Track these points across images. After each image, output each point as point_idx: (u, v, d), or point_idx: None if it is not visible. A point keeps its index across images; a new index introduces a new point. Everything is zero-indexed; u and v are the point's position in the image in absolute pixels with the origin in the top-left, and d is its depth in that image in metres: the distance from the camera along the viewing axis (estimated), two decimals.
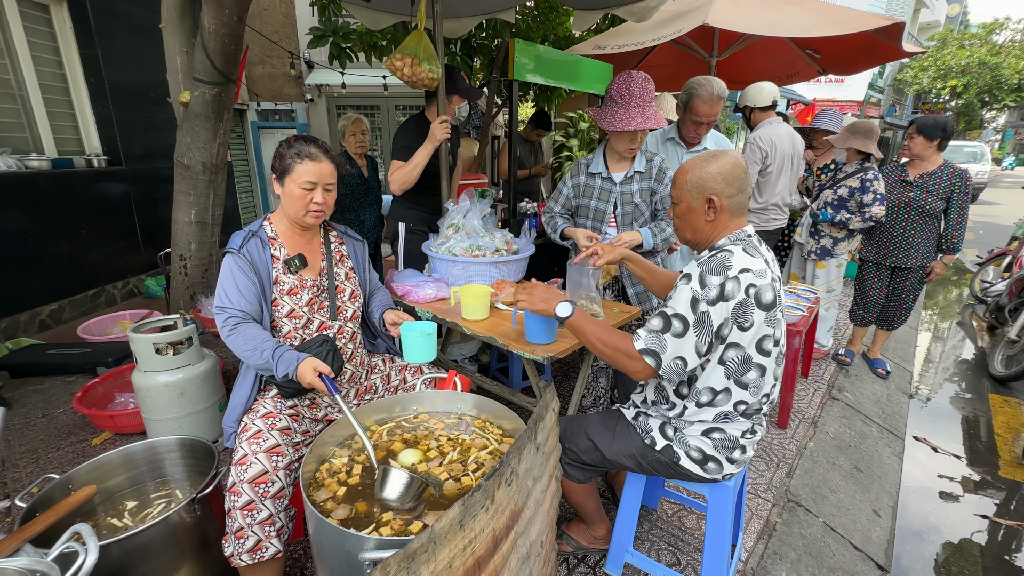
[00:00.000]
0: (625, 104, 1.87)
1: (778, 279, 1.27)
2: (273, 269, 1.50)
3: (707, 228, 1.30)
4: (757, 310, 1.18)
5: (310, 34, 4.02)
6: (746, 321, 1.18)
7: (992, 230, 9.08)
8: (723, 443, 1.31)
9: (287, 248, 1.54)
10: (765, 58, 4.49)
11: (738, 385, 1.25)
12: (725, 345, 1.22)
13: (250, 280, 1.45)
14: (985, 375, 3.67)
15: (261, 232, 1.52)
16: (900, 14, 19.04)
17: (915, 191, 2.84)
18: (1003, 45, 22.29)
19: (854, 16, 3.10)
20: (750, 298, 1.17)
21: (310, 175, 1.45)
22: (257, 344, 1.38)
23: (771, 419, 2.61)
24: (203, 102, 3.07)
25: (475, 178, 4.42)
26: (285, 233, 1.56)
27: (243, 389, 1.48)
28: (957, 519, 2.28)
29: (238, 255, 1.45)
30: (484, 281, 1.96)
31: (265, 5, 7.50)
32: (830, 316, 3.39)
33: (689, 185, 1.29)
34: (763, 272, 1.19)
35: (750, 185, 1.30)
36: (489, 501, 0.92)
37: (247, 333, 1.40)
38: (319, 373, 1.35)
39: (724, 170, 1.25)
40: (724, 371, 1.24)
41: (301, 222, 1.52)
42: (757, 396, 1.27)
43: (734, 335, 1.20)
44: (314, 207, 1.49)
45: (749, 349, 1.22)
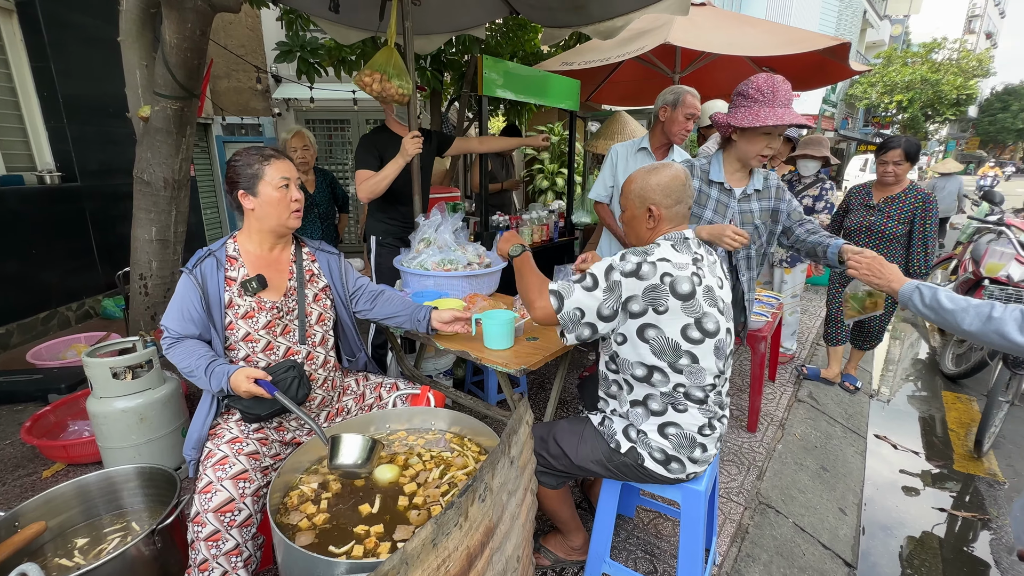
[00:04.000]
0: (769, 102, 1.66)
1: (716, 280, 1.35)
2: (226, 292, 1.44)
3: (648, 235, 1.41)
4: (672, 298, 1.25)
5: (277, 49, 3.98)
6: (660, 305, 1.25)
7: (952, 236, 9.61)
8: (682, 442, 1.35)
9: (249, 268, 1.49)
10: (725, 74, 4.69)
11: (672, 368, 1.31)
12: (640, 323, 1.28)
13: (194, 303, 1.40)
14: (938, 373, 3.86)
15: (220, 252, 1.48)
16: (848, 34, 20.23)
17: (876, 215, 2.84)
18: (941, 63, 23.90)
19: (804, 36, 3.28)
20: (664, 285, 1.25)
21: (282, 171, 1.44)
22: (192, 360, 1.36)
23: (740, 423, 2.67)
24: (164, 116, 2.99)
25: (447, 191, 4.43)
26: (251, 252, 1.51)
27: (200, 415, 1.43)
28: (918, 513, 2.38)
29: (189, 275, 1.42)
30: (457, 295, 1.96)
31: (230, 19, 7.39)
32: (793, 320, 3.53)
33: (633, 195, 1.41)
34: (683, 266, 1.27)
35: (690, 196, 1.39)
36: (463, 518, 0.92)
37: (184, 349, 1.38)
38: (255, 379, 1.32)
39: (663, 182, 1.36)
40: (650, 348, 1.30)
41: (286, 226, 1.49)
42: (697, 382, 1.32)
43: (650, 316, 1.27)
44: (294, 205, 1.48)
45: (672, 334, 1.28)
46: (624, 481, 1.47)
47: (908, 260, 2.85)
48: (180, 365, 1.38)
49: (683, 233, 1.37)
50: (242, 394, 1.33)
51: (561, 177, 7.84)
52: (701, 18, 3.60)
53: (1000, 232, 3.46)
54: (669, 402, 1.34)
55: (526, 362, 1.53)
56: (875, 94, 23.67)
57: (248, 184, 1.44)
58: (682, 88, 2.30)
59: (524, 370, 1.51)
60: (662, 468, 1.36)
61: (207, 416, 1.41)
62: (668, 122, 2.36)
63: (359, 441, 1.13)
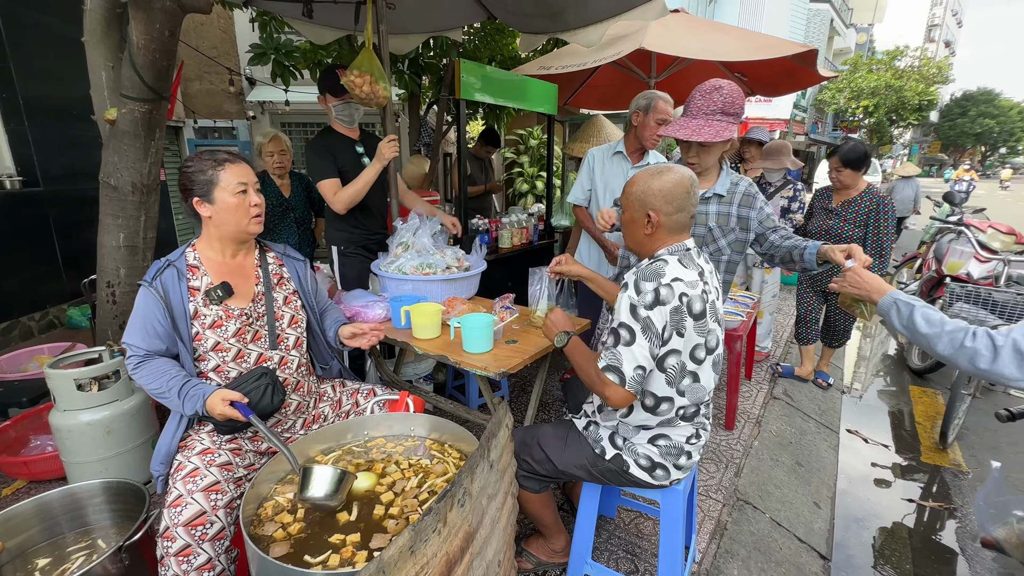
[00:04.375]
0: (688, 113, 1.71)
1: (715, 291, 1.34)
2: (191, 302, 1.39)
3: (646, 240, 1.35)
4: (689, 318, 1.23)
5: (250, 51, 3.91)
6: (683, 328, 1.23)
7: (907, 235, 9.97)
8: (669, 450, 1.35)
9: (212, 276, 1.44)
10: (699, 79, 4.75)
11: (679, 394, 1.30)
12: (665, 351, 1.25)
13: (158, 316, 1.34)
14: (905, 369, 4.00)
15: (180, 261, 1.42)
16: (816, 41, 20.91)
17: (834, 219, 2.93)
18: (904, 70, 24.90)
19: (774, 43, 3.37)
20: (683, 305, 1.23)
21: (239, 176, 1.40)
22: (164, 382, 1.31)
23: (719, 421, 2.72)
24: (132, 119, 2.90)
25: (426, 195, 4.40)
26: (213, 259, 1.46)
27: (169, 428, 1.38)
28: (888, 504, 2.45)
29: (149, 288, 1.35)
30: (436, 299, 1.95)
31: (202, 20, 7.23)
32: (770, 319, 3.62)
33: (633, 197, 1.34)
34: (694, 283, 1.25)
35: (693, 205, 1.32)
36: (441, 524, 0.91)
37: (153, 370, 1.33)
38: (230, 401, 1.28)
39: (665, 188, 1.29)
40: (665, 378, 1.28)
41: (247, 232, 1.44)
42: (696, 400, 1.33)
43: (674, 341, 1.24)
44: (254, 210, 1.43)
45: (685, 357, 1.27)
46: (607, 485, 1.47)
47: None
48: (150, 386, 1.33)
49: (685, 244, 1.33)
50: (217, 417, 1.30)
51: (541, 180, 7.89)
52: (675, 24, 3.67)
53: (960, 232, 3.61)
54: (667, 425, 1.34)
55: (505, 365, 1.53)
56: (843, 99, 24.55)
57: (203, 191, 1.38)
58: (654, 93, 2.33)
59: (503, 373, 1.51)
60: (647, 475, 1.37)
61: (176, 429, 1.37)
62: (640, 127, 2.39)
63: (329, 473, 1.12)
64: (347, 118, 2.33)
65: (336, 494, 1.13)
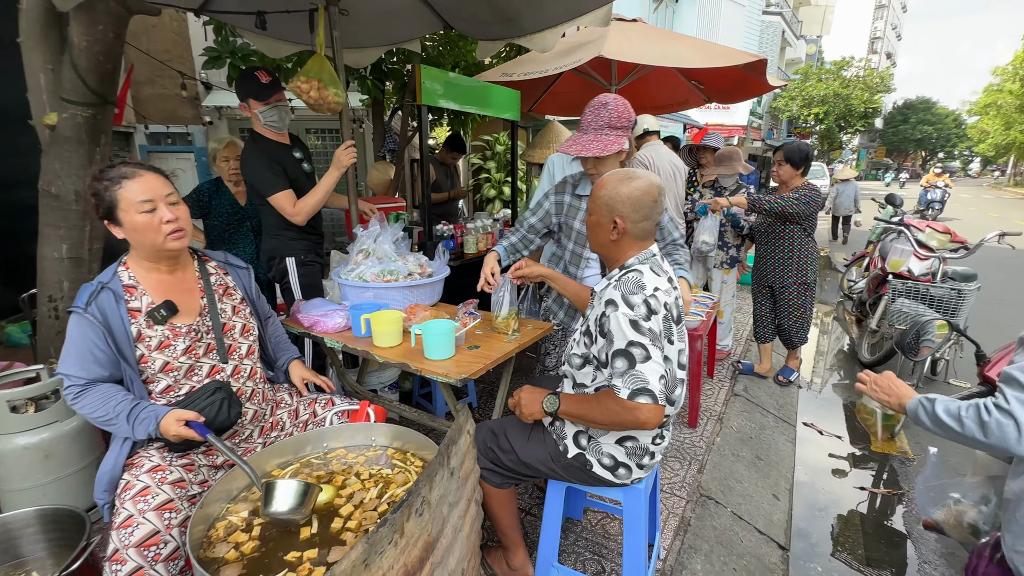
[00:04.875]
0: (580, 128, 1.80)
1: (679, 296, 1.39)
2: (133, 325, 1.32)
3: (611, 246, 1.36)
4: (673, 324, 1.27)
5: (205, 54, 3.79)
6: (672, 335, 1.26)
7: (856, 235, 10.51)
8: (635, 451, 1.38)
9: (152, 295, 1.36)
10: (659, 87, 4.92)
11: (670, 404, 1.30)
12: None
13: (97, 344, 1.26)
14: (856, 362, 4.20)
15: (114, 282, 1.32)
16: (770, 51, 21.89)
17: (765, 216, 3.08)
18: (850, 79, 26.35)
19: (726, 52, 3.51)
20: (668, 313, 1.26)
21: (140, 194, 1.27)
22: (110, 408, 1.24)
23: (682, 419, 2.78)
24: (74, 125, 2.76)
25: (392, 202, 4.36)
26: (148, 277, 1.38)
27: (112, 452, 1.31)
28: (842, 493, 2.57)
29: (83, 315, 1.26)
30: (398, 306, 1.93)
31: (153, 22, 6.95)
32: (730, 318, 3.75)
33: (601, 202, 1.34)
34: (669, 291, 1.31)
35: (659, 213, 1.33)
36: (398, 535, 0.90)
37: (96, 397, 1.25)
38: (185, 421, 1.23)
39: (633, 196, 1.29)
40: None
41: (166, 249, 1.34)
42: (677, 407, 1.37)
43: (667, 348, 1.26)
44: (168, 227, 1.31)
45: (675, 365, 1.30)
46: (568, 483, 1.48)
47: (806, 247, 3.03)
48: (94, 415, 1.26)
49: (651, 251, 1.35)
50: (171, 438, 1.24)
51: (508, 186, 7.93)
52: (634, 33, 3.77)
53: (900, 232, 3.83)
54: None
55: (467, 371, 1.52)
56: (795, 107, 25.79)
57: (107, 214, 1.29)
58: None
59: (464, 379, 1.50)
60: (609, 474, 1.39)
61: (120, 452, 1.30)
62: None
63: (293, 487, 1.09)
64: (277, 123, 2.17)
65: (301, 508, 1.10)
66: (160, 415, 1.24)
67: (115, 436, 1.32)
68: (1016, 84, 23.51)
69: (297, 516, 1.09)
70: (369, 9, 2.92)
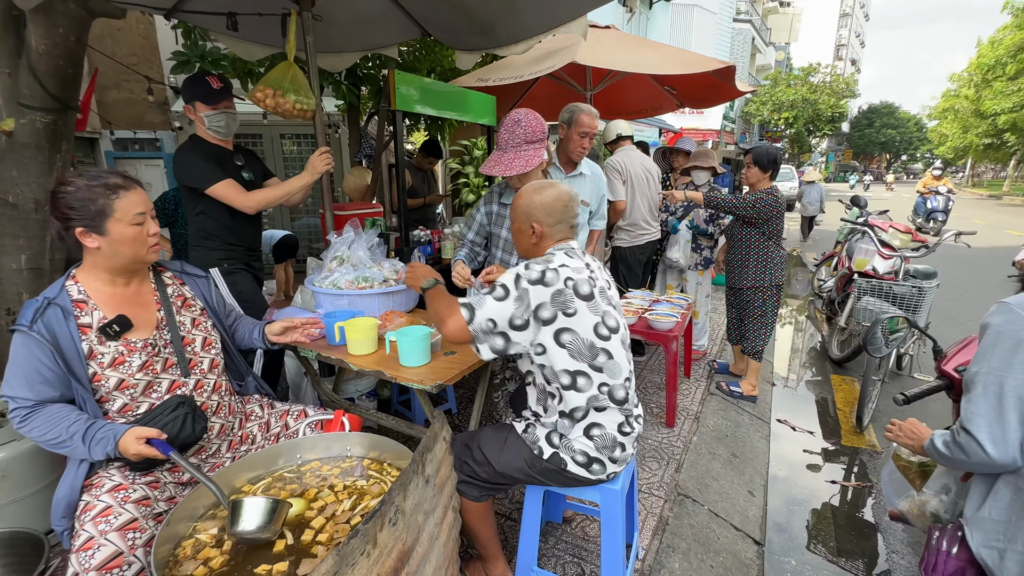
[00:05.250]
0: (498, 147, 1.93)
1: (605, 282, 1.48)
2: (83, 342, 1.26)
3: (533, 248, 1.51)
4: (577, 299, 1.33)
5: (173, 59, 3.71)
6: (568, 308, 1.33)
7: (826, 236, 10.85)
8: (604, 442, 1.40)
9: (104, 310, 1.31)
10: (633, 92, 5.01)
11: (593, 368, 1.37)
12: (555, 329, 1.33)
13: (45, 363, 1.21)
14: (827, 359, 4.32)
15: (62, 297, 1.26)
16: (741, 57, 22.49)
17: (733, 220, 3.13)
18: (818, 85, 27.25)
19: (696, 59, 3.60)
20: (568, 288, 1.33)
21: (138, 206, 1.28)
22: (63, 429, 1.18)
23: (660, 419, 2.82)
24: (33, 131, 2.66)
25: (369, 207, 4.32)
26: (101, 290, 1.32)
27: (67, 475, 1.25)
28: (815, 487, 2.63)
29: (28, 334, 1.20)
30: (373, 313, 1.91)
31: (119, 25, 6.76)
32: (705, 319, 3.82)
33: (519, 210, 1.49)
34: (580, 269, 1.38)
35: (572, 215, 1.48)
36: (371, 546, 0.89)
37: (47, 419, 1.19)
38: (146, 439, 1.19)
39: (546, 203, 1.45)
40: (567, 353, 1.35)
41: (145, 262, 1.35)
42: (617, 379, 1.40)
43: (561, 320, 1.33)
44: (152, 240, 1.33)
45: (586, 334, 1.35)
46: (546, 486, 1.49)
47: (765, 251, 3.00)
48: (44, 437, 1.19)
49: (570, 244, 1.47)
50: (131, 457, 1.19)
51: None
52: (607, 39, 3.84)
53: (864, 232, 3.97)
54: (593, 404, 1.38)
55: (443, 377, 1.52)
56: (766, 111, 26.57)
57: (91, 222, 1.24)
58: (577, 107, 2.41)
59: (440, 385, 1.50)
60: (584, 471, 1.40)
61: (76, 475, 1.24)
62: (565, 140, 2.48)
63: (261, 504, 1.06)
64: (223, 129, 2.09)
65: (270, 525, 1.07)
66: (118, 434, 1.19)
67: (71, 458, 1.26)
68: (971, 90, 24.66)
69: (266, 534, 1.07)
70: (345, 14, 2.90)
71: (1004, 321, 1.14)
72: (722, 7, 19.80)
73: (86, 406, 1.26)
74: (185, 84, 2.09)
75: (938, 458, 1.29)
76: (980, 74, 22.83)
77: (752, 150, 3.05)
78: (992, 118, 22.26)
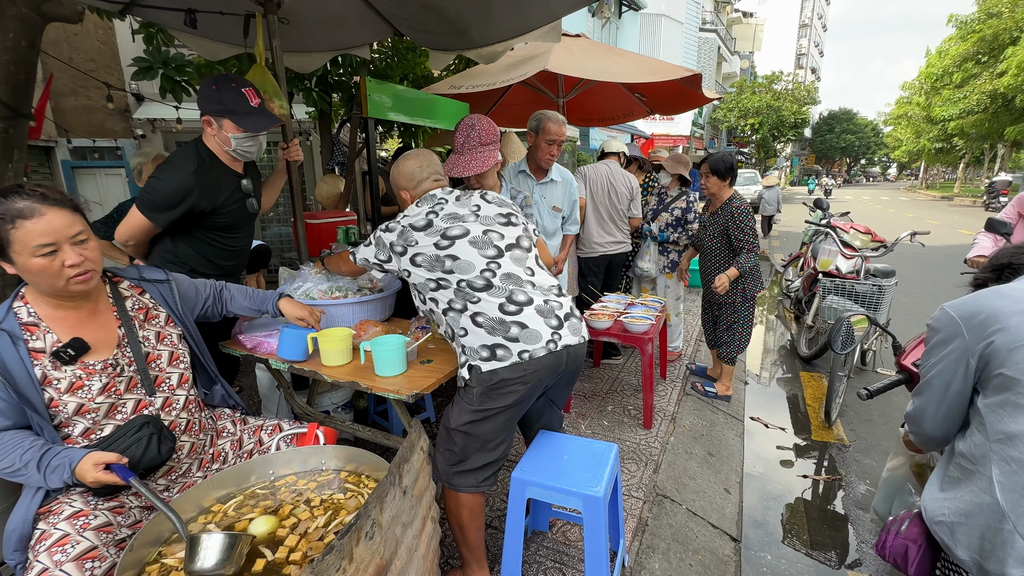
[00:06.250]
0: (456, 150, 2.05)
1: (457, 207, 1.59)
2: (36, 367, 1.18)
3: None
4: (413, 232, 1.54)
5: (134, 65, 3.59)
6: (411, 241, 1.54)
7: (792, 237, 11.23)
8: (492, 325, 1.46)
9: (57, 332, 1.22)
10: (605, 99, 5.10)
11: (444, 272, 1.50)
12: (408, 257, 1.54)
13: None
14: (797, 357, 4.46)
15: (9, 322, 1.17)
16: (708, 66, 23.18)
17: (703, 230, 3.17)
18: (781, 92, 28.29)
19: (663, 67, 3.69)
20: (406, 228, 1.55)
21: (37, 237, 1.11)
22: (16, 457, 1.11)
23: (637, 421, 2.85)
24: None
25: (343, 215, 4.26)
26: (51, 313, 1.23)
27: (21, 504, 1.17)
28: (788, 482, 2.70)
29: None
30: (347, 323, 1.88)
31: (75, 30, 6.52)
32: (678, 320, 3.88)
33: (392, 184, 1.74)
34: (416, 213, 1.58)
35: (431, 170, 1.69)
36: (346, 561, 0.87)
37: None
38: (104, 464, 1.12)
39: (405, 171, 1.69)
40: (424, 269, 1.53)
41: (66, 294, 1.20)
42: (470, 273, 1.49)
43: (410, 251, 1.54)
44: (71, 271, 1.16)
45: (430, 251, 1.51)
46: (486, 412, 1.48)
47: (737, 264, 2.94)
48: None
49: (430, 192, 1.65)
50: (90, 484, 1.13)
51: None
52: (577, 48, 3.90)
53: (827, 233, 4.12)
54: (464, 298, 1.49)
55: (419, 386, 1.50)
56: (733, 118, 27.45)
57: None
58: (544, 115, 2.45)
59: (417, 395, 1.48)
60: (495, 362, 1.44)
61: (30, 504, 1.16)
62: (533, 148, 2.51)
63: (219, 541, 1.01)
64: (250, 153, 1.83)
65: (228, 561, 1.01)
66: (75, 460, 1.11)
67: (27, 486, 1.19)
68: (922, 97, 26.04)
69: (225, 571, 1.01)
70: (314, 14, 2.86)
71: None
72: (689, 17, 20.40)
73: (43, 432, 1.19)
74: (209, 92, 1.72)
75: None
76: (929, 82, 24.15)
77: (707, 159, 3.02)
78: (942, 123, 23.52)
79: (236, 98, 1.72)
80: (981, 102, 19.83)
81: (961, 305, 1.17)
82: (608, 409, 3.03)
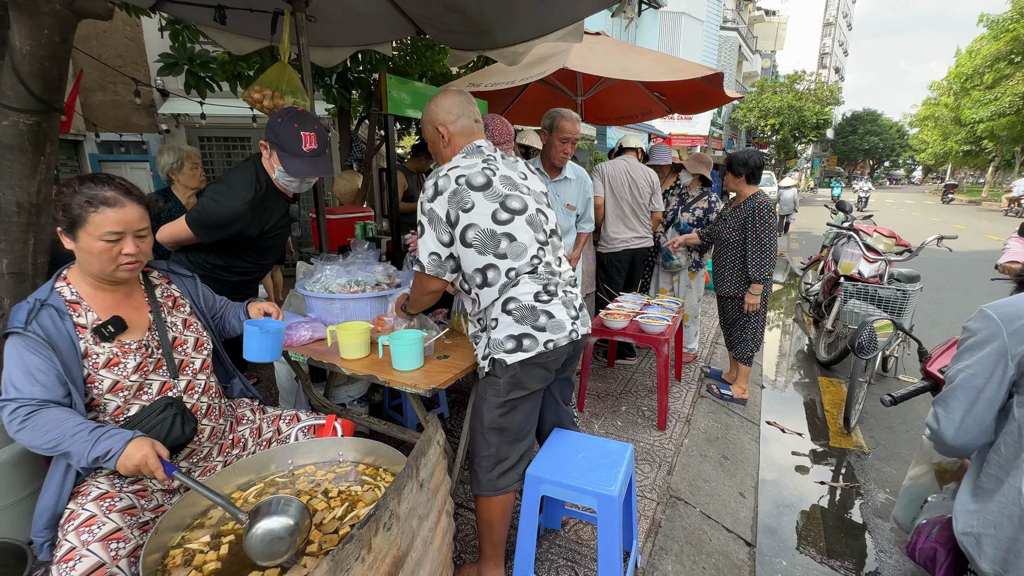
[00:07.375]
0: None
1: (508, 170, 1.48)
2: (80, 341, 1.25)
3: (447, 153, 1.53)
4: (472, 192, 1.38)
5: (160, 60, 3.67)
6: (467, 203, 1.37)
7: (813, 240, 11.02)
8: (522, 313, 1.42)
9: (97, 311, 1.30)
10: (624, 98, 5.06)
11: (497, 256, 1.40)
12: (460, 230, 1.39)
13: (45, 362, 1.19)
14: (815, 361, 4.38)
15: (54, 299, 1.26)
16: (728, 65, 22.84)
17: (721, 224, 3.11)
18: (803, 92, 27.74)
19: (685, 66, 3.65)
20: (461, 186, 1.37)
21: (111, 224, 1.22)
22: (65, 431, 1.13)
23: (651, 423, 2.83)
24: (16, 132, 2.60)
25: (360, 211, 4.30)
26: (91, 293, 1.32)
27: (52, 485, 1.21)
28: (805, 488, 2.66)
29: (24, 335, 1.19)
30: (365, 317, 1.90)
31: (104, 26, 6.68)
32: (694, 322, 3.85)
33: (426, 123, 1.55)
34: (473, 165, 1.42)
35: (471, 110, 1.53)
36: (365, 551, 0.88)
37: (46, 421, 1.15)
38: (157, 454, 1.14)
39: (443, 104, 1.51)
40: (475, 250, 1.40)
41: (112, 278, 1.29)
42: (522, 260, 1.42)
43: (463, 218, 1.38)
44: (125, 259, 1.26)
45: (486, 224, 1.38)
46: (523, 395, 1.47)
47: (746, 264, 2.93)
48: (44, 440, 1.13)
49: (475, 143, 1.50)
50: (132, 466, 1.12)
51: None
52: (597, 46, 3.88)
53: (850, 236, 4.04)
54: (509, 289, 1.42)
55: (436, 381, 1.51)
56: (753, 118, 26.97)
57: (67, 225, 1.23)
58: (558, 112, 2.43)
59: (433, 389, 1.49)
60: (520, 353, 1.42)
61: (63, 483, 1.20)
62: (547, 146, 2.50)
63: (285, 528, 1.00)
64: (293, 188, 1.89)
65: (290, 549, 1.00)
66: (129, 438, 1.14)
67: (55, 466, 1.23)
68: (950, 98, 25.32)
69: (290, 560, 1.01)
70: (340, 12, 2.90)
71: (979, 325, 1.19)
72: (709, 15, 20.12)
73: (80, 409, 1.24)
74: (271, 119, 1.80)
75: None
76: (959, 83, 23.45)
77: (728, 157, 3.03)
78: (971, 126, 22.84)
79: (291, 137, 1.76)
80: (1013, 104, 19.21)
81: (1002, 306, 1.14)
82: (622, 409, 3.02)
